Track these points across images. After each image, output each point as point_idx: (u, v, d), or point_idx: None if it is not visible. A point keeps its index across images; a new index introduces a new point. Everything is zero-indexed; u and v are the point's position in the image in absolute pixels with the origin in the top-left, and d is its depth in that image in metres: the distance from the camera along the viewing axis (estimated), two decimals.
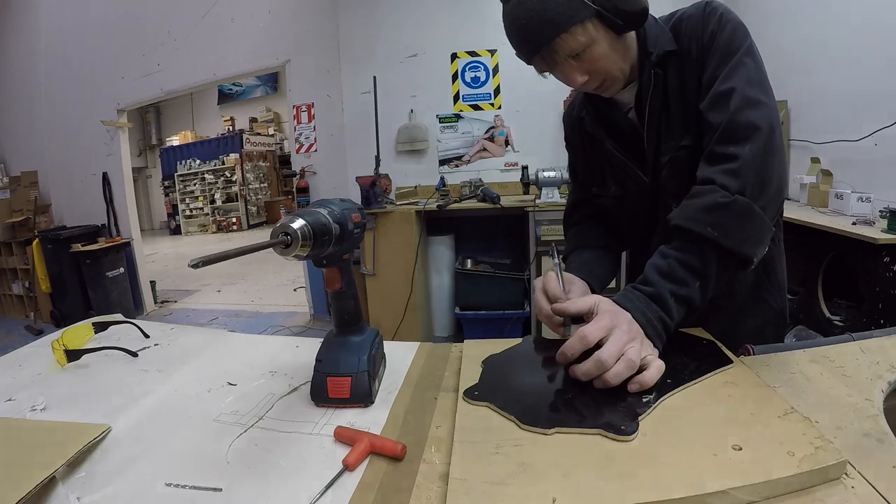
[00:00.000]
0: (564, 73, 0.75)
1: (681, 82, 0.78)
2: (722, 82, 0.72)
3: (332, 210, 0.56)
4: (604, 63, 0.74)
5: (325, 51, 3.58)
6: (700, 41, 0.75)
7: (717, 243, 0.65)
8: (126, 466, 0.51)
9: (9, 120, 5.08)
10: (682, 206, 0.70)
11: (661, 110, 0.80)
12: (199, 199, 10.78)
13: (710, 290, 0.66)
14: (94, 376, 0.74)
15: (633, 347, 0.56)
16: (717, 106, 0.71)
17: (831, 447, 0.42)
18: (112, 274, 4.27)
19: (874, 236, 1.66)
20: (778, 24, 2.72)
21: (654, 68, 0.77)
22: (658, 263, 0.67)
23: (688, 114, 0.78)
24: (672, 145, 0.80)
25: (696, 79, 0.76)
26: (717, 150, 0.70)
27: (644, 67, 0.79)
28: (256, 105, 11.39)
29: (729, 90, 0.70)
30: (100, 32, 4.43)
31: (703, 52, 0.75)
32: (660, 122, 0.81)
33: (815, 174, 2.39)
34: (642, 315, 0.61)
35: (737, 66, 0.72)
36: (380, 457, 0.49)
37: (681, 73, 0.78)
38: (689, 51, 0.77)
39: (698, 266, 0.65)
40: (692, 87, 0.77)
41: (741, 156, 0.68)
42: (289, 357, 0.76)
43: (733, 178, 0.67)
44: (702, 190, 0.69)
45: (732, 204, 0.65)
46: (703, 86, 0.75)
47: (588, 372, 0.55)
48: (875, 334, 0.70)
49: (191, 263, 0.36)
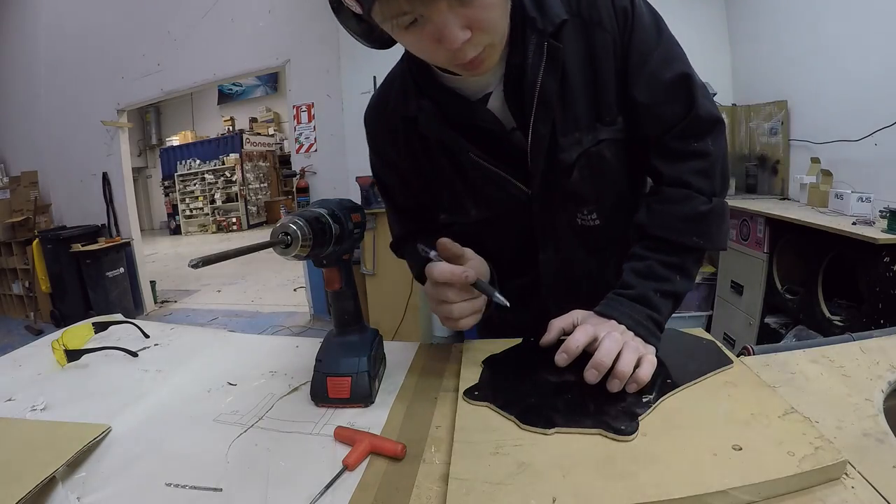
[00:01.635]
0: (439, 22, 0.49)
1: (589, 58, 0.62)
2: (664, 66, 0.62)
3: (332, 210, 0.56)
4: (494, 15, 0.52)
5: (325, 51, 3.58)
6: (613, 12, 0.61)
7: (703, 248, 0.66)
8: (126, 466, 0.51)
9: (9, 120, 5.07)
10: (656, 212, 0.65)
11: (560, 94, 0.62)
12: (199, 199, 10.77)
13: (691, 281, 0.66)
14: (94, 376, 0.74)
15: (627, 339, 0.57)
16: (671, 96, 0.63)
17: (831, 447, 0.42)
18: (112, 274, 4.26)
19: (874, 236, 1.66)
20: (778, 24, 2.72)
21: (548, 39, 0.59)
22: (636, 266, 0.65)
23: (600, 100, 0.64)
24: (579, 138, 0.64)
25: (614, 58, 0.62)
26: (680, 147, 0.65)
27: (525, 38, 0.60)
28: (256, 105, 11.38)
29: (682, 76, 0.63)
30: (100, 32, 4.42)
31: (622, 28, 0.62)
32: (556, 110, 0.63)
33: (815, 174, 2.39)
34: (629, 319, 0.61)
35: (671, 44, 0.63)
36: (380, 457, 0.49)
37: (588, 48, 0.62)
38: (596, 21, 0.61)
39: (678, 262, 0.65)
40: (606, 67, 0.62)
41: (709, 152, 0.64)
42: (289, 357, 0.76)
43: (706, 179, 0.64)
44: (677, 195, 0.64)
45: (712, 210, 0.64)
46: (630, 68, 0.63)
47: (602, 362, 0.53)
48: (875, 334, 0.70)
49: (191, 263, 0.36)
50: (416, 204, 0.78)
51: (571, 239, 0.74)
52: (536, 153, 0.64)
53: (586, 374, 0.54)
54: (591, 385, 0.55)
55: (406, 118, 0.67)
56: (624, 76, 0.64)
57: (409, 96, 0.66)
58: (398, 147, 0.71)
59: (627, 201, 0.73)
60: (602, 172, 0.68)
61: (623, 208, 0.73)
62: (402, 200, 0.79)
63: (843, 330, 1.89)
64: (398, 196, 0.79)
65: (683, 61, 0.64)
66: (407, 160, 0.71)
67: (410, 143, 0.70)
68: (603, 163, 0.67)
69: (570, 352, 0.57)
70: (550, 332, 0.62)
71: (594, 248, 0.75)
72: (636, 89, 0.64)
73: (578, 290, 0.76)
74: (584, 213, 0.72)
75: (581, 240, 0.74)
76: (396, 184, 0.77)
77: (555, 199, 0.68)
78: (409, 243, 0.78)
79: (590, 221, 0.72)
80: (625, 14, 0.62)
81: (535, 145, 0.64)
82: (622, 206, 0.73)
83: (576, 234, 0.74)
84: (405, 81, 0.67)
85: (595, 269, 0.76)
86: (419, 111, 0.65)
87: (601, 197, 0.70)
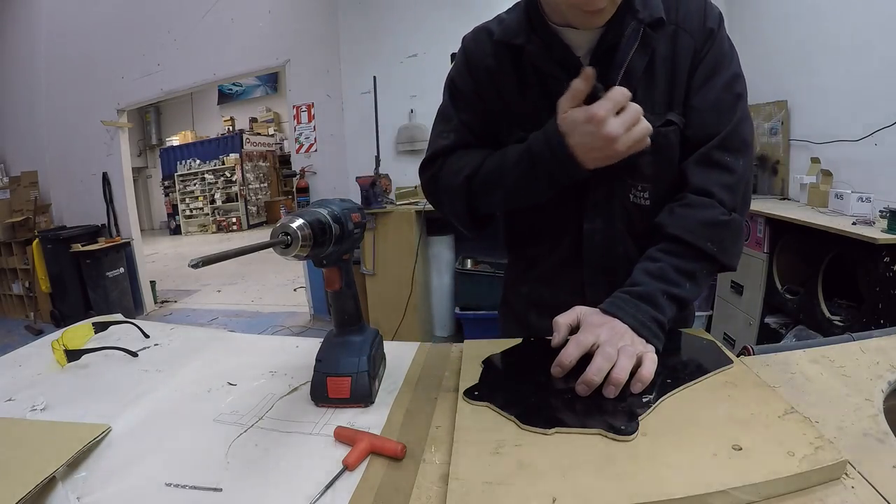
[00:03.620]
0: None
1: (672, 55, 0.72)
2: (726, 83, 0.71)
3: (331, 210, 0.56)
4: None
5: (325, 51, 3.58)
6: (702, 28, 0.71)
7: (715, 258, 0.68)
8: (126, 466, 0.51)
9: (9, 120, 5.08)
10: (678, 214, 0.70)
11: (644, 75, 0.71)
12: (199, 199, 10.77)
13: (699, 292, 0.68)
14: (94, 376, 0.74)
15: (625, 343, 0.57)
16: (721, 108, 0.71)
17: (831, 447, 0.42)
18: (112, 274, 4.27)
19: (874, 236, 1.66)
20: (778, 23, 2.72)
21: (645, 27, 0.69)
22: (648, 267, 0.67)
23: (674, 92, 0.72)
24: (651, 119, 0.69)
25: (691, 63, 0.72)
26: (715, 156, 0.70)
27: (623, 22, 0.69)
28: (256, 105, 11.39)
29: (737, 96, 0.71)
30: (100, 32, 4.43)
31: (704, 41, 0.71)
32: (638, 88, 0.71)
33: (815, 174, 2.40)
34: (633, 319, 0.61)
35: (737, 74, 0.72)
36: (380, 457, 0.49)
37: (674, 47, 0.72)
38: (687, 31, 0.72)
39: (690, 270, 0.67)
40: (683, 67, 0.72)
41: (737, 170, 0.70)
42: (289, 357, 0.76)
43: (730, 193, 0.69)
44: (700, 202, 0.69)
45: (731, 222, 0.69)
46: (698, 75, 0.72)
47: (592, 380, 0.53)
48: (875, 334, 0.70)
49: (191, 263, 0.36)
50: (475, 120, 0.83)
51: (621, 213, 0.77)
52: None
53: (577, 388, 0.54)
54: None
55: (511, 45, 0.74)
56: (690, 82, 0.72)
57: (521, 28, 0.74)
58: (491, 68, 0.78)
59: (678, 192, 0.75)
60: (664, 154, 0.73)
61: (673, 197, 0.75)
62: (465, 114, 0.84)
63: (843, 330, 1.89)
64: (463, 109, 0.84)
65: (743, 87, 0.73)
66: (497, 82, 0.78)
67: (505, 68, 0.77)
68: (667, 145, 0.73)
69: (563, 366, 0.57)
70: (559, 332, 0.62)
71: (640, 231, 0.77)
72: (696, 95, 0.72)
73: (616, 272, 0.76)
74: (639, 190, 0.76)
75: (629, 217, 0.77)
76: (470, 95, 0.82)
77: (614, 167, 0.69)
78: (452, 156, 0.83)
79: (641, 200, 0.76)
80: (710, 32, 0.72)
81: None
82: (673, 195, 0.75)
83: (625, 210, 0.77)
84: (520, 18, 0.75)
85: (634, 255, 0.76)
86: (529, 42, 0.73)
87: (658, 177, 0.75)
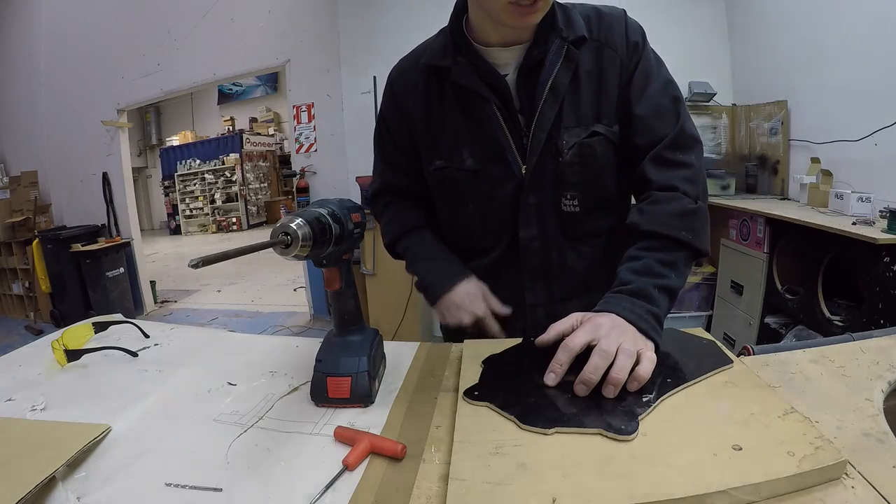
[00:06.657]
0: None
1: (598, 70, 0.77)
2: (662, 89, 0.77)
3: (332, 210, 0.56)
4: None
5: (325, 51, 3.57)
6: (625, 42, 0.77)
7: (691, 245, 0.71)
8: (126, 466, 0.51)
9: (9, 120, 5.07)
10: (648, 212, 0.73)
11: (569, 89, 0.76)
12: (199, 199, 10.76)
13: (684, 280, 0.71)
14: (94, 376, 0.74)
15: (625, 340, 0.56)
16: (663, 113, 0.76)
17: (831, 447, 0.42)
18: (112, 274, 4.26)
19: (874, 236, 1.66)
20: (778, 23, 2.72)
21: (568, 44, 0.74)
22: (632, 265, 0.69)
23: (601, 104, 0.77)
24: (577, 132, 0.77)
25: (619, 75, 0.77)
26: (669, 156, 0.75)
27: (548, 39, 0.75)
28: (256, 105, 11.37)
29: (675, 99, 0.77)
30: (100, 32, 4.42)
31: (631, 54, 0.77)
32: (563, 102, 0.76)
33: (815, 174, 2.40)
34: (631, 313, 0.61)
35: (669, 80, 0.79)
36: (380, 457, 0.49)
37: (598, 62, 0.76)
38: (610, 45, 0.77)
39: (672, 260, 0.70)
40: (611, 80, 0.77)
41: (693, 164, 0.75)
42: (289, 357, 0.76)
43: (692, 185, 0.74)
44: (667, 196, 0.73)
45: (698, 210, 0.73)
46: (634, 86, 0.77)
47: (589, 379, 0.53)
48: (875, 334, 0.70)
49: (191, 263, 0.36)
50: (403, 159, 0.90)
51: (553, 220, 0.82)
52: (538, 131, 0.76)
53: (576, 388, 0.54)
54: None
55: (438, 68, 0.79)
56: (627, 94, 0.77)
57: (447, 51, 0.79)
58: (417, 96, 0.83)
59: (607, 200, 0.83)
60: (590, 164, 0.78)
61: (603, 206, 0.83)
62: (392, 152, 0.91)
63: (843, 330, 1.89)
64: (389, 148, 0.91)
65: (678, 90, 0.79)
66: (421, 108, 0.83)
67: (429, 93, 0.82)
68: (593, 156, 0.78)
69: (556, 372, 0.56)
70: (548, 334, 0.62)
71: (573, 236, 0.83)
72: (637, 105, 0.76)
73: (550, 275, 0.84)
74: (568, 198, 0.81)
75: (561, 223, 0.82)
76: (396, 132, 0.88)
77: (545, 177, 0.79)
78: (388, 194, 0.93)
79: (571, 207, 0.81)
80: (635, 46, 0.77)
81: (539, 125, 0.76)
82: (602, 203, 0.82)
83: (557, 217, 0.82)
84: (446, 42, 0.80)
85: (570, 259, 0.84)
86: (455, 64, 0.77)
87: (585, 187, 0.80)
